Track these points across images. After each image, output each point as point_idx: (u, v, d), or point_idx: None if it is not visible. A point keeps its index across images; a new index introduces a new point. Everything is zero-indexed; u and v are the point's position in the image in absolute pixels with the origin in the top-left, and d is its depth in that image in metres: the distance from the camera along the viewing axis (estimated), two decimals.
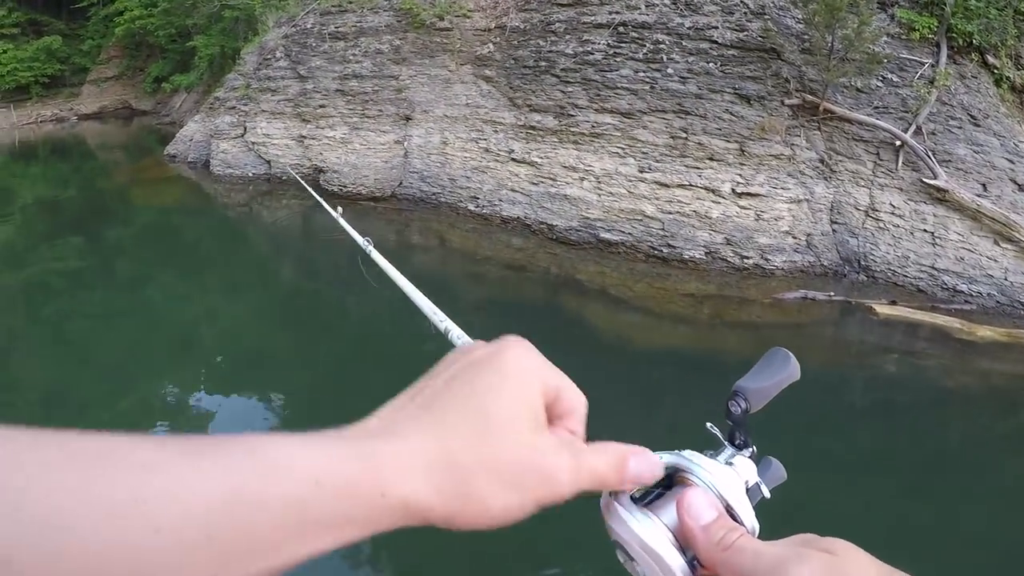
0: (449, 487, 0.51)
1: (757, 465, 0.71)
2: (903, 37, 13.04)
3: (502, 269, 13.11)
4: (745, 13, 13.68)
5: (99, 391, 9.17)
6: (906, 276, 11.76)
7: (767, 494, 0.69)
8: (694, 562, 0.59)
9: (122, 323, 11.42)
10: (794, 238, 12.36)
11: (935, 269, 11.64)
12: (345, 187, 16.99)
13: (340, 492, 0.46)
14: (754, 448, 0.72)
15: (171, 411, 8.73)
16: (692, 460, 0.66)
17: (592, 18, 15.01)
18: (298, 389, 9.21)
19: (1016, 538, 6.42)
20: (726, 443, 0.72)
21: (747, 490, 0.67)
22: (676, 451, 0.67)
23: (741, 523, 0.62)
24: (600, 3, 15.08)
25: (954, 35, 12.78)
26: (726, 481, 0.65)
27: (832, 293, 11.50)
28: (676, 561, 0.59)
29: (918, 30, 12.84)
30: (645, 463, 0.61)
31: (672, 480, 0.66)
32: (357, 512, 0.47)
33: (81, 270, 14.38)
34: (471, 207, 15.29)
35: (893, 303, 11.12)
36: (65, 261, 14.81)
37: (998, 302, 11.23)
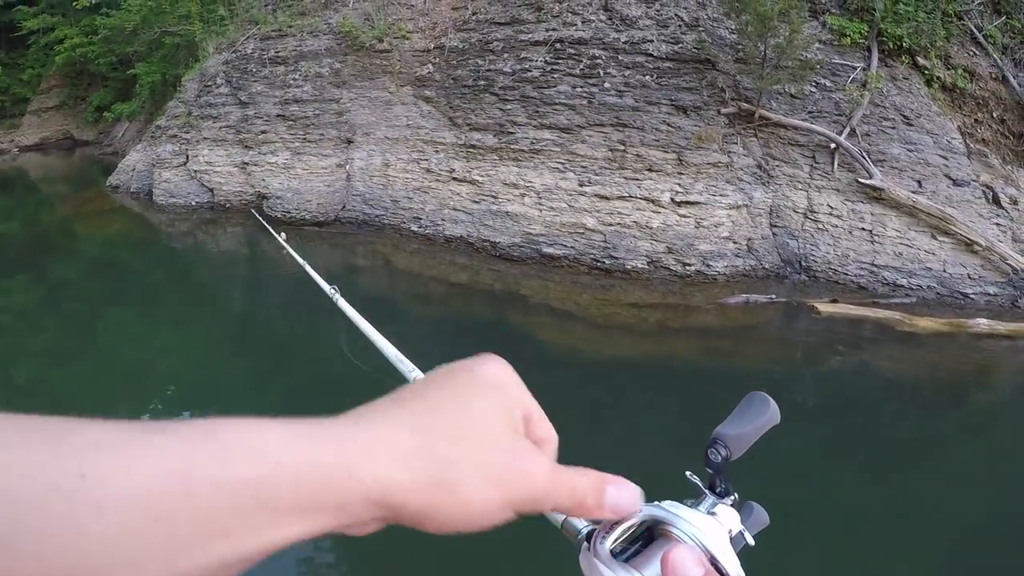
0: (426, 475, 0.49)
1: (739, 512, 0.70)
2: (835, 43, 13.26)
3: (447, 288, 13.09)
4: (680, 26, 13.82)
5: None
6: (847, 274, 11.94)
7: (751, 541, 0.68)
8: None
9: (70, 360, 11.20)
10: (735, 243, 12.48)
11: (875, 266, 11.83)
12: (288, 213, 16.85)
13: (303, 473, 0.44)
14: (736, 496, 0.71)
15: None
16: (673, 512, 0.64)
17: (529, 36, 15.06)
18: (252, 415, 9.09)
19: (966, 523, 6.54)
20: (706, 491, 0.72)
21: (731, 539, 0.66)
22: (655, 502, 0.66)
23: (726, 574, 0.61)
24: (537, 21, 15.14)
25: (884, 39, 13.02)
26: (710, 533, 0.63)
27: (774, 295, 11.63)
28: None
29: (849, 35, 13.07)
30: (626, 492, 0.61)
31: (653, 533, 0.64)
32: (324, 496, 0.45)
33: (26, 307, 14.09)
34: (414, 228, 15.24)
35: (835, 301, 11.28)
36: (9, 298, 14.51)
37: (938, 294, 11.49)
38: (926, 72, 13.02)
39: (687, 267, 12.39)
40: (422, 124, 16.26)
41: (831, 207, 12.38)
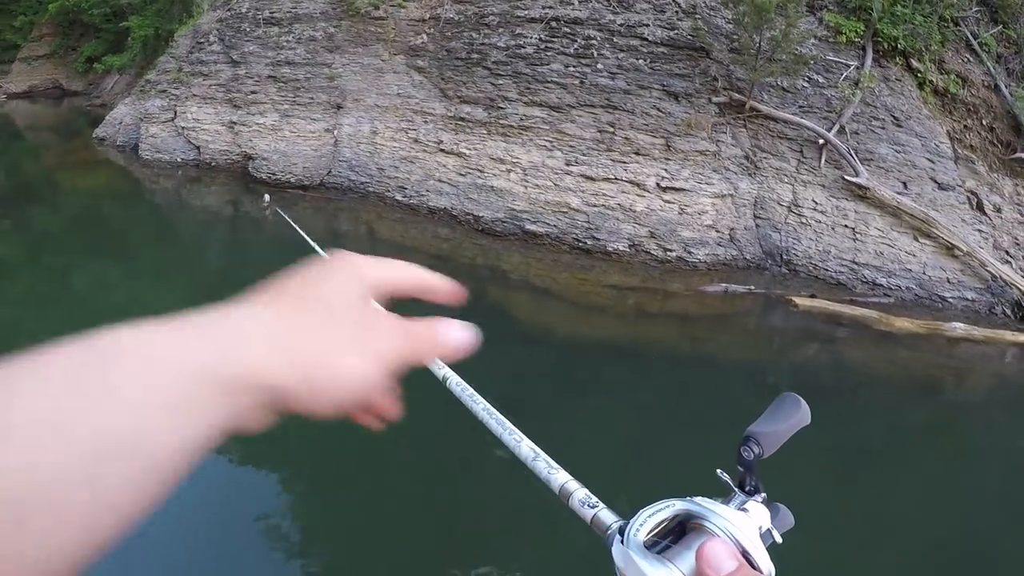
0: (291, 353, 0.52)
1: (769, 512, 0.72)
2: (830, 40, 13.27)
3: (429, 259, 13.01)
4: (676, 12, 13.79)
5: None
6: (827, 270, 11.99)
7: (779, 539, 0.69)
8: None
9: (48, 311, 11.11)
10: (717, 232, 12.50)
11: (855, 263, 11.89)
12: (274, 175, 16.79)
13: (171, 369, 0.46)
14: (765, 494, 0.73)
15: None
16: (707, 507, 0.65)
17: (525, 12, 14.99)
18: None
19: (934, 520, 6.66)
20: (736, 489, 0.73)
21: (761, 535, 0.67)
22: (688, 497, 0.67)
23: (759, 570, 0.62)
24: None
25: (880, 39, 13.05)
26: (742, 528, 0.64)
27: (752, 286, 11.67)
28: None
29: (845, 33, 13.08)
30: (459, 327, 0.66)
31: (684, 528, 0.65)
32: (207, 389, 0.47)
33: (6, 256, 13.99)
34: (399, 197, 15.20)
35: (813, 296, 11.33)
36: None
37: (916, 295, 11.55)
38: (919, 75, 13.05)
39: (668, 253, 12.40)
40: (413, 94, 16.18)
41: (816, 202, 12.42)
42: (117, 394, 0.44)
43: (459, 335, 0.67)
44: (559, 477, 0.79)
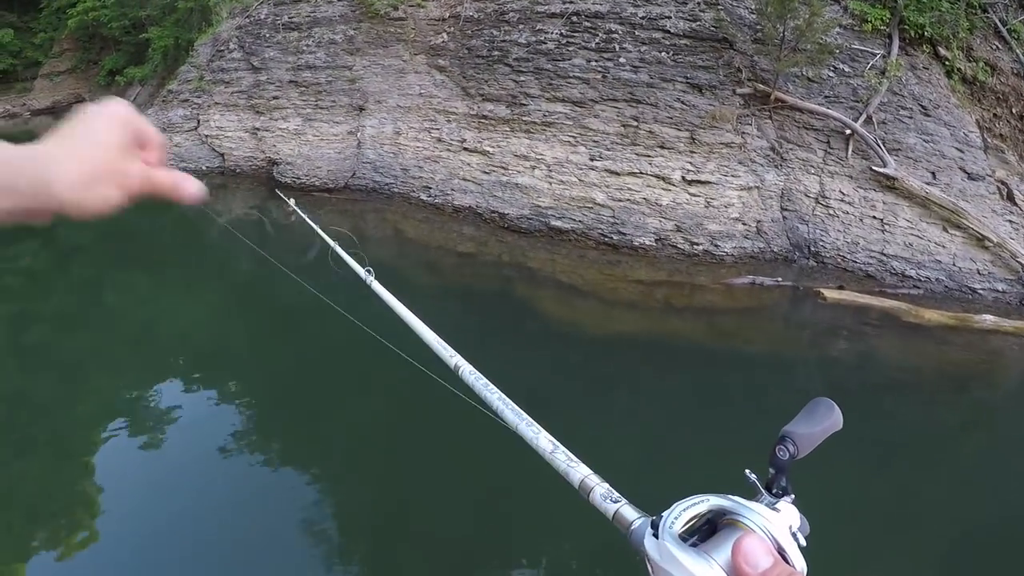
0: (67, 169, 0.75)
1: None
2: (855, 28, 13.15)
3: (455, 258, 13.07)
4: (698, 3, 13.73)
5: (58, 393, 9.02)
6: (855, 262, 11.86)
7: (803, 542, 0.68)
8: None
9: (78, 324, 11.23)
10: (744, 224, 12.41)
11: (884, 255, 11.75)
12: (299, 179, 16.87)
13: (14, 167, 0.74)
14: (794, 496, 0.74)
15: (131, 411, 8.54)
16: (743, 504, 0.66)
17: (546, 7, 14.97)
18: (256, 384, 9.14)
19: (965, 517, 6.51)
20: (763, 491, 0.74)
21: (792, 535, 0.67)
22: (723, 494, 0.67)
23: (793, 566, 0.62)
24: None
25: (906, 27, 12.91)
26: (777, 525, 0.64)
27: (780, 278, 11.57)
28: None
29: (870, 21, 12.95)
30: (193, 181, 0.87)
31: (715, 525, 0.66)
32: (18, 181, 0.74)
33: (36, 271, 14.14)
34: (424, 197, 15.22)
35: (841, 288, 11.22)
36: (18, 262, 14.53)
37: (946, 287, 11.40)
38: (947, 63, 12.89)
39: (695, 246, 12.32)
40: (435, 93, 16.20)
41: (843, 193, 12.30)
42: None
43: (191, 186, 0.86)
44: (579, 471, 0.80)
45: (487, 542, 6.07)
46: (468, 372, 1.08)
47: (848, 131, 12.40)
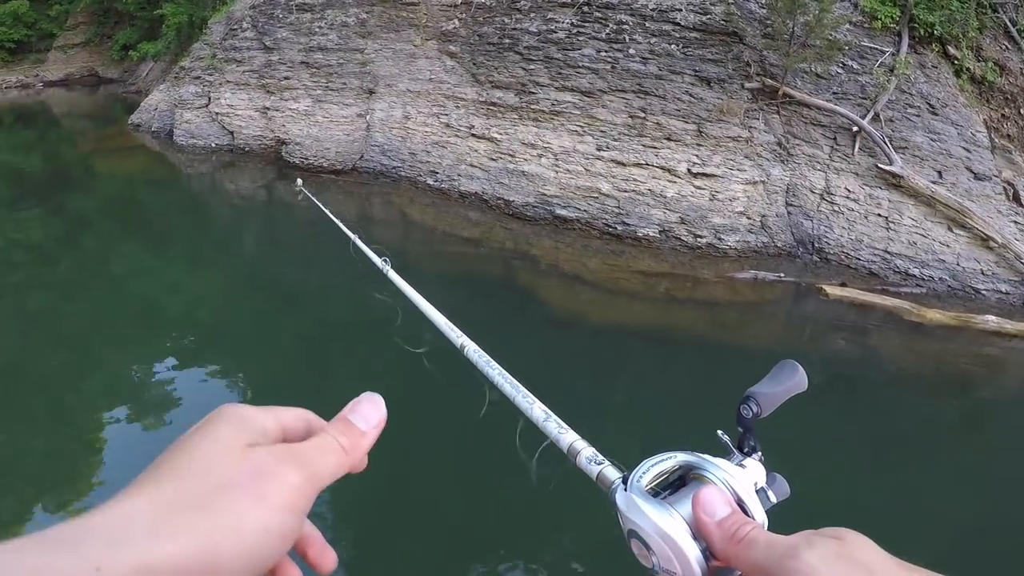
0: (187, 526, 0.47)
1: (766, 471, 0.75)
2: (865, 25, 13.13)
3: (460, 243, 13.12)
4: None
5: (61, 365, 9.10)
6: (859, 259, 11.89)
7: (773, 499, 0.73)
8: (706, 552, 0.62)
9: (85, 296, 11.30)
10: (748, 219, 12.45)
11: (888, 253, 11.77)
12: (307, 159, 16.95)
13: None
14: (762, 455, 0.76)
15: (134, 385, 8.65)
16: (706, 459, 0.70)
17: None
18: (261, 363, 9.21)
19: (964, 514, 6.57)
20: (735, 450, 0.77)
21: (756, 491, 0.71)
22: (690, 451, 0.71)
23: (752, 517, 0.65)
24: None
25: (916, 25, 12.89)
26: (738, 479, 0.68)
27: (782, 274, 11.61)
28: (693, 551, 0.62)
29: (880, 19, 12.94)
30: (363, 406, 0.63)
31: (685, 480, 0.69)
32: None
33: (43, 241, 14.20)
34: (430, 181, 15.28)
35: (844, 285, 11.25)
36: (27, 232, 14.60)
37: (949, 287, 11.40)
38: (956, 62, 12.88)
39: (699, 239, 12.37)
40: (444, 79, 16.24)
41: (848, 190, 12.32)
42: None
43: (372, 412, 0.63)
44: (568, 437, 0.85)
45: (494, 530, 6.15)
46: (472, 351, 1.16)
47: (855, 128, 12.42)
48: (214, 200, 17.22)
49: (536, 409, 0.93)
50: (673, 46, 13.63)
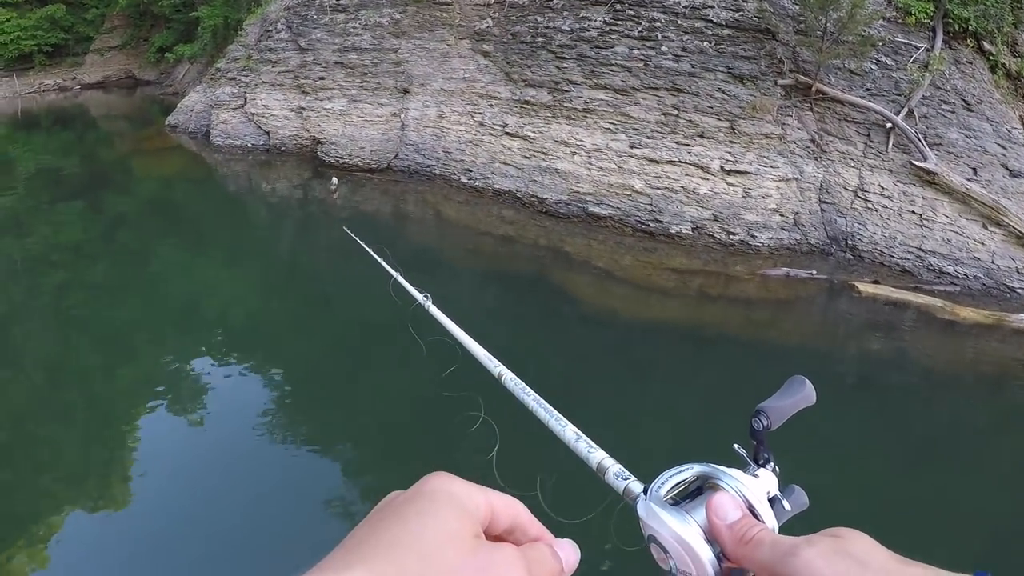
0: None
1: (781, 486, 0.80)
2: (899, 21, 13.06)
3: (494, 241, 13.22)
4: None
5: (99, 360, 9.31)
6: (892, 257, 11.82)
7: (788, 507, 0.78)
8: (720, 555, 0.67)
9: (122, 293, 11.53)
10: (781, 216, 12.44)
11: (922, 250, 11.70)
12: (342, 158, 17.15)
13: None
14: (776, 466, 0.81)
15: (170, 382, 8.83)
16: (721, 470, 0.75)
17: None
18: (295, 362, 9.36)
19: (1000, 513, 6.54)
20: (751, 461, 0.82)
21: (770, 500, 0.76)
22: (706, 462, 0.76)
23: (762, 522, 0.71)
24: None
25: (951, 20, 12.80)
26: (750, 487, 0.74)
27: (815, 271, 11.58)
28: (706, 553, 0.68)
29: (914, 15, 12.85)
30: (571, 546, 0.65)
31: (701, 489, 0.75)
32: None
33: (82, 241, 14.47)
34: (464, 179, 15.41)
35: (876, 282, 11.20)
36: (67, 232, 14.89)
37: (984, 284, 11.29)
38: (991, 58, 12.78)
39: (731, 236, 12.38)
40: (478, 78, 16.36)
41: (882, 187, 12.26)
42: None
43: (573, 555, 0.64)
44: (596, 455, 0.89)
45: None
46: (509, 379, 1.23)
47: (889, 124, 12.35)
48: (250, 199, 17.45)
49: (568, 431, 1.00)
50: (706, 43, 13.65)
